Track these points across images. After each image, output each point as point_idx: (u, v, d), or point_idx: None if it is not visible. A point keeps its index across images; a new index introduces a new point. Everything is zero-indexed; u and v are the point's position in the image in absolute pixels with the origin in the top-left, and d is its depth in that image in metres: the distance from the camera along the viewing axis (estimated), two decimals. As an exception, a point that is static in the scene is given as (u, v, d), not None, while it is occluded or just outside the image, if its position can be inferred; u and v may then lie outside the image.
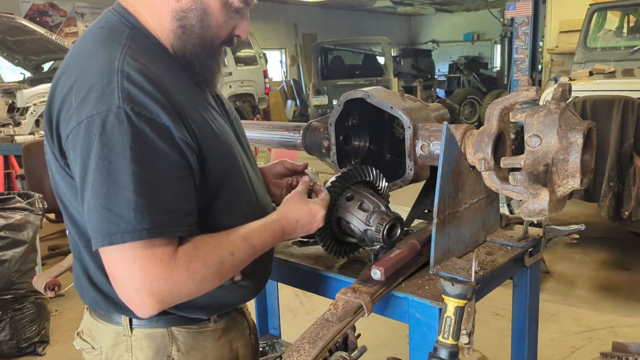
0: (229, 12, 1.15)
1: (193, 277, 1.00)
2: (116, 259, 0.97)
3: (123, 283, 0.98)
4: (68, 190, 1.09)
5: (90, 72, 1.01)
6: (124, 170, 0.94)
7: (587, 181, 1.23)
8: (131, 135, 0.95)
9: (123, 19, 1.12)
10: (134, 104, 0.97)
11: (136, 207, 0.94)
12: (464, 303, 1.12)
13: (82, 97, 0.99)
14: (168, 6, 1.11)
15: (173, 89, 1.06)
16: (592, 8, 6.16)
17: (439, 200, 1.33)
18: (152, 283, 0.96)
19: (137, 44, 1.07)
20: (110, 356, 1.18)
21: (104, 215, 0.95)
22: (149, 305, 0.98)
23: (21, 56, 7.29)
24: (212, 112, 1.18)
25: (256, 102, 11.02)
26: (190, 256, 1.01)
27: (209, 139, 1.09)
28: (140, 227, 0.94)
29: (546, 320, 3.30)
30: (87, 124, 0.96)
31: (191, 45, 1.13)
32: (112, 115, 0.95)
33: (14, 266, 3.00)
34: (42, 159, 1.19)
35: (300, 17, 15.86)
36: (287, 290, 3.52)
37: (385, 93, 1.60)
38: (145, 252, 0.96)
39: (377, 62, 12.42)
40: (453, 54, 18.76)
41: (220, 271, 1.05)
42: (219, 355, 1.22)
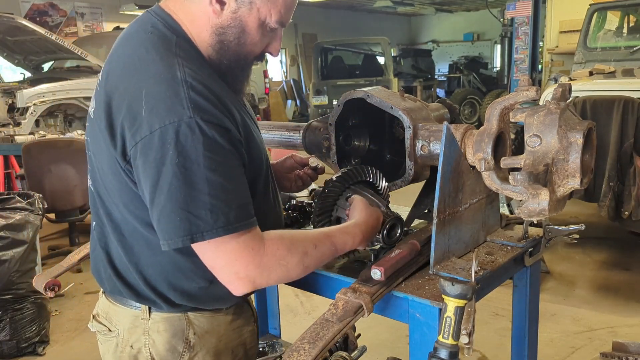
0: (264, 31, 1.20)
1: (279, 262, 1.12)
2: (215, 253, 1.08)
3: (224, 271, 1.09)
4: (118, 189, 1.14)
5: (156, 82, 1.07)
6: (198, 176, 1.03)
7: (587, 181, 1.23)
8: (203, 143, 1.03)
9: (167, 24, 1.17)
10: (202, 113, 1.04)
11: (212, 208, 1.03)
12: (464, 303, 1.12)
13: (151, 106, 1.05)
14: (209, 21, 1.16)
15: (222, 94, 1.13)
16: (592, 8, 6.16)
17: (439, 200, 1.33)
18: (248, 268, 1.08)
19: (185, 52, 1.13)
20: (127, 338, 1.24)
21: (184, 217, 1.03)
22: (244, 287, 1.10)
23: (21, 56, 7.29)
24: (247, 117, 1.25)
25: (256, 102, 11.01)
26: (276, 244, 1.12)
27: (251, 140, 1.18)
28: (216, 226, 1.03)
29: (546, 320, 3.30)
30: (161, 134, 1.03)
31: (227, 59, 1.20)
32: (184, 125, 1.02)
33: (14, 266, 3.00)
34: (42, 159, 1.22)
35: (300, 17, 15.84)
36: (287, 290, 3.51)
37: (385, 93, 1.60)
38: (238, 244, 1.07)
39: (377, 62, 12.41)
40: (453, 54, 18.75)
41: (304, 261, 1.15)
42: (229, 340, 1.30)
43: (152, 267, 1.18)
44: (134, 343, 1.24)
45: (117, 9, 10.88)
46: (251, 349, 1.39)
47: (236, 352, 1.32)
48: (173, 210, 1.03)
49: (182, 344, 1.22)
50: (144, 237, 1.16)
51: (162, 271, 1.18)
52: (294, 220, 1.79)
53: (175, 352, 1.22)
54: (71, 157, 4.46)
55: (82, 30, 10.85)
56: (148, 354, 1.22)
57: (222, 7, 1.15)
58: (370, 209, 1.33)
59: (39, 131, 5.88)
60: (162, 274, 1.18)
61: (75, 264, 1.83)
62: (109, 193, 1.17)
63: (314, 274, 1.52)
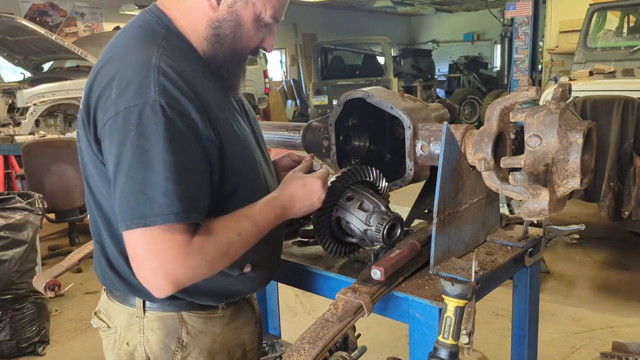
0: (259, 26, 1.22)
1: (205, 259, 1.08)
2: (139, 241, 1.04)
3: (142, 264, 1.05)
4: (97, 176, 1.16)
5: (129, 67, 1.09)
6: (157, 158, 1.02)
7: (587, 181, 1.23)
8: (165, 125, 1.03)
9: (159, 20, 1.19)
10: (168, 98, 1.04)
11: (166, 192, 1.02)
12: (464, 303, 1.12)
13: (120, 89, 1.06)
14: (205, 15, 1.18)
15: (202, 88, 1.12)
16: (592, 8, 6.16)
17: (439, 200, 1.33)
18: (169, 266, 1.03)
19: (170, 44, 1.14)
20: (124, 335, 1.26)
21: (141, 199, 1.02)
22: (164, 287, 1.05)
23: (21, 56, 7.29)
24: (234, 113, 1.25)
25: (256, 102, 11.00)
26: (204, 241, 1.07)
27: (230, 137, 1.16)
28: (169, 211, 1.01)
29: (546, 320, 3.30)
30: (125, 114, 1.04)
31: (222, 53, 1.21)
32: (148, 107, 1.03)
33: (14, 266, 3.00)
34: (42, 158, 1.23)
35: (300, 17, 15.85)
36: (287, 290, 3.52)
37: (385, 93, 1.60)
38: (165, 237, 1.03)
39: (377, 62, 12.41)
40: (453, 54, 18.75)
41: (229, 251, 1.12)
42: (226, 341, 1.29)
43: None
44: (130, 340, 1.25)
45: (117, 9, 10.88)
46: (251, 351, 1.38)
47: (233, 353, 1.32)
48: (131, 192, 1.03)
49: (175, 343, 1.23)
50: None
51: None
52: (294, 220, 1.79)
53: (169, 351, 1.23)
54: (71, 157, 4.46)
55: (82, 30, 10.85)
56: (143, 351, 1.24)
57: (219, 2, 1.17)
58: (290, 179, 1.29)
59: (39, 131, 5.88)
60: None
61: (75, 264, 1.83)
62: (95, 183, 1.18)
63: (314, 274, 1.52)
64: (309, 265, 1.53)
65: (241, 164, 1.20)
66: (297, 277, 1.58)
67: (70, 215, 4.66)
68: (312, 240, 1.66)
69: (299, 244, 1.69)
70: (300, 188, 1.27)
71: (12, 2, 9.56)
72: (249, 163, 1.23)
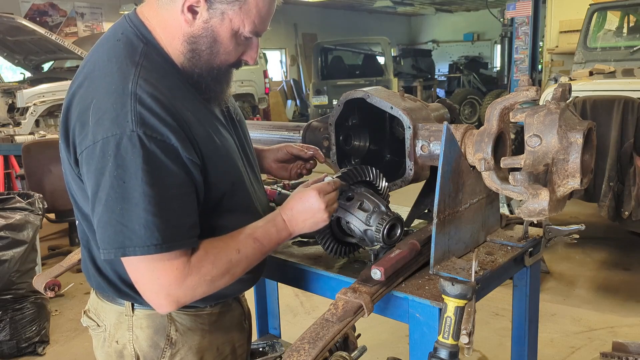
0: (238, 40, 1.19)
1: (204, 279, 1.11)
2: (138, 267, 1.08)
3: (144, 288, 1.11)
4: (80, 192, 1.17)
5: (106, 94, 1.07)
6: (136, 190, 1.03)
7: (587, 181, 1.23)
8: (143, 157, 1.03)
9: (138, 32, 1.17)
10: (145, 127, 1.04)
11: (146, 224, 1.03)
12: (464, 303, 1.12)
13: (97, 117, 1.06)
14: (181, 29, 1.15)
15: (181, 107, 1.11)
16: (592, 8, 6.16)
17: (439, 200, 1.33)
18: (169, 288, 1.08)
19: (149, 61, 1.13)
20: (113, 334, 1.28)
21: (119, 230, 1.04)
22: (166, 306, 1.11)
23: (21, 56, 7.28)
24: (217, 125, 1.23)
25: (256, 102, 11.00)
26: (202, 261, 1.11)
27: (212, 154, 1.15)
28: (149, 243, 1.03)
29: (546, 320, 3.30)
30: (103, 145, 1.04)
31: (199, 69, 1.19)
32: (125, 138, 1.03)
33: (14, 266, 3.00)
34: (42, 158, 1.25)
35: (300, 17, 15.85)
36: (287, 290, 3.52)
37: (385, 93, 1.60)
38: (163, 263, 1.07)
39: (377, 62, 12.41)
40: (453, 54, 18.75)
41: (229, 269, 1.15)
42: (215, 338, 1.31)
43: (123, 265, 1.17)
44: (119, 338, 1.27)
45: (117, 9, 10.88)
46: (240, 347, 1.40)
47: (222, 349, 1.33)
48: (109, 222, 1.04)
49: (163, 341, 1.25)
50: None
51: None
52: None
53: (158, 348, 1.25)
54: None
55: (82, 30, 10.84)
56: (132, 349, 1.25)
57: (194, 17, 1.14)
58: (293, 194, 1.28)
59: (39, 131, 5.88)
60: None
61: (75, 264, 1.84)
62: (77, 195, 1.20)
63: (314, 274, 1.52)
64: (309, 265, 1.53)
65: (224, 178, 1.19)
66: (297, 277, 1.58)
67: (70, 215, 4.65)
68: (312, 240, 1.66)
69: (299, 244, 1.69)
70: (297, 201, 1.25)
71: (12, 2, 9.56)
72: (233, 176, 1.22)
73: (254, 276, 1.35)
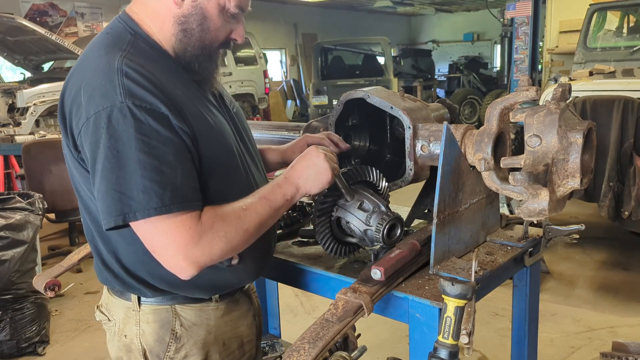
0: (225, 17, 1.25)
1: (218, 235, 1.12)
2: (151, 232, 1.09)
3: (162, 252, 1.11)
4: (82, 181, 1.20)
5: (94, 74, 1.13)
6: (131, 158, 1.05)
7: (587, 181, 1.23)
8: (134, 126, 1.06)
9: (127, 26, 1.23)
10: (134, 98, 1.08)
11: (144, 189, 1.05)
12: (464, 303, 1.12)
13: (88, 95, 1.10)
14: (170, 12, 1.21)
15: (170, 86, 1.15)
16: (592, 8, 6.15)
17: (439, 200, 1.33)
18: (186, 248, 1.09)
19: (136, 48, 1.18)
20: (122, 328, 1.31)
21: (117, 198, 1.06)
22: (186, 268, 1.10)
23: (21, 56, 7.27)
24: (209, 106, 1.26)
25: (256, 102, 11.01)
26: (212, 219, 1.12)
27: (204, 129, 1.18)
28: (149, 206, 1.05)
29: (546, 320, 3.30)
30: (95, 119, 1.08)
31: (191, 47, 1.23)
32: (116, 110, 1.07)
33: (14, 266, 3.00)
34: (42, 159, 1.26)
35: (300, 17, 15.84)
36: (287, 290, 3.52)
37: (385, 93, 1.60)
38: (174, 224, 1.08)
39: (377, 62, 12.41)
40: (453, 54, 18.74)
41: (241, 225, 1.15)
42: (221, 333, 1.32)
43: (129, 256, 1.22)
44: (127, 333, 1.30)
45: (117, 9, 10.87)
46: (249, 343, 1.40)
47: (229, 344, 1.34)
48: (107, 192, 1.07)
49: (169, 335, 1.27)
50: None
51: (139, 260, 1.21)
52: (294, 221, 1.80)
53: (163, 343, 1.27)
54: None
55: (82, 30, 10.84)
56: (139, 343, 1.28)
57: None
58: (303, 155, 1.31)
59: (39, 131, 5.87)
60: (139, 262, 1.21)
61: (75, 264, 1.84)
62: (82, 187, 1.22)
63: (314, 274, 1.52)
64: (309, 265, 1.53)
65: (217, 153, 1.21)
66: (297, 277, 1.58)
67: (70, 215, 4.65)
68: (312, 240, 1.66)
69: (299, 244, 1.69)
70: (298, 159, 1.30)
71: (12, 2, 9.55)
72: (225, 152, 1.24)
73: (254, 267, 1.33)
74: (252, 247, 1.26)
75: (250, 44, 10.97)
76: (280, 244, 1.69)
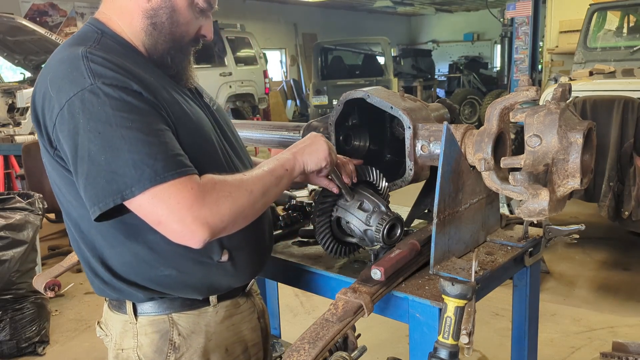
0: (194, 12, 1.26)
1: (222, 193, 1.08)
2: (153, 204, 1.04)
3: (168, 221, 1.04)
4: (61, 182, 1.17)
5: (58, 65, 1.12)
6: (114, 136, 1.03)
7: (587, 181, 1.23)
8: (109, 104, 1.04)
9: (93, 27, 1.23)
10: (104, 78, 1.06)
11: (134, 164, 1.02)
12: (464, 303, 1.12)
13: (57, 87, 1.08)
14: (139, 7, 1.21)
15: (140, 73, 1.13)
16: (592, 8, 6.16)
17: (439, 200, 1.33)
18: (192, 209, 1.04)
19: (103, 44, 1.16)
20: (119, 342, 1.28)
21: (110, 178, 1.03)
22: (197, 230, 1.05)
23: (21, 56, 7.27)
24: (184, 97, 1.25)
25: (256, 102, 11.00)
26: (212, 180, 1.09)
27: (180, 115, 1.16)
28: (143, 179, 1.02)
29: (546, 320, 3.30)
30: (69, 107, 1.05)
31: (162, 40, 1.23)
32: (87, 93, 1.05)
33: (14, 266, 3.00)
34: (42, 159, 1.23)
35: (300, 17, 15.85)
36: (287, 290, 3.52)
37: (385, 93, 1.60)
38: (175, 187, 1.04)
39: (377, 62, 12.41)
40: (453, 54, 18.75)
41: (244, 186, 1.13)
42: (222, 338, 1.30)
43: (114, 259, 1.19)
44: (124, 347, 1.27)
45: (117, 9, 10.86)
46: (254, 346, 1.38)
47: (232, 350, 1.32)
48: (98, 174, 1.03)
49: (167, 345, 1.25)
50: (99, 231, 1.17)
51: (125, 263, 1.18)
52: (294, 221, 1.80)
53: (162, 354, 1.24)
54: None
55: (82, 30, 10.83)
56: (136, 356, 1.25)
57: None
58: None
59: (39, 131, 5.86)
60: (126, 265, 1.19)
61: (75, 264, 1.83)
62: (61, 192, 1.20)
63: (314, 274, 1.52)
64: (309, 265, 1.53)
65: (193, 139, 1.18)
66: (297, 277, 1.58)
67: (70, 215, 4.65)
68: (312, 240, 1.66)
69: (299, 244, 1.69)
70: (302, 140, 1.33)
71: (12, 2, 9.56)
72: (203, 141, 1.21)
73: (248, 267, 1.30)
74: (244, 243, 1.25)
75: (250, 44, 10.97)
76: (280, 244, 1.69)
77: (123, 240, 1.15)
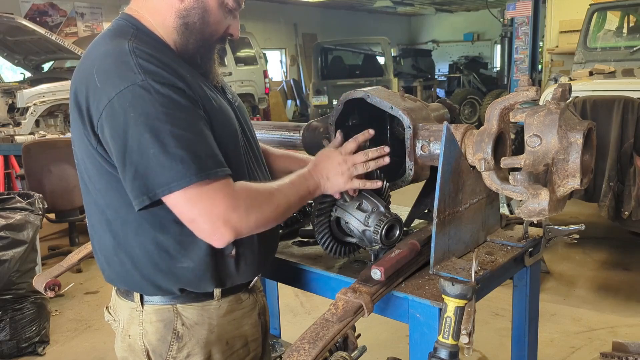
0: (224, 11, 1.30)
1: (253, 204, 1.17)
2: (192, 201, 1.11)
3: (201, 220, 1.12)
4: (94, 171, 1.21)
5: (105, 57, 1.16)
6: (163, 132, 1.08)
7: (587, 181, 1.23)
8: (159, 101, 1.09)
9: (128, 22, 1.26)
10: (152, 75, 1.11)
11: (182, 160, 1.08)
12: (464, 303, 1.12)
13: (104, 78, 1.12)
14: (171, 7, 1.25)
15: (178, 68, 1.19)
16: (592, 8, 6.16)
17: (439, 200, 1.33)
18: (225, 214, 1.12)
19: (140, 40, 1.20)
20: (126, 329, 1.34)
21: (159, 172, 1.08)
22: (225, 233, 1.13)
23: (21, 56, 7.27)
24: (215, 94, 1.30)
25: (256, 102, 11.01)
26: (245, 189, 1.18)
27: (211, 109, 1.22)
28: (189, 174, 1.08)
29: (546, 320, 3.30)
30: (119, 100, 1.09)
31: (193, 40, 1.27)
32: (138, 88, 1.09)
33: (14, 266, 3.00)
34: (42, 159, 1.26)
35: (300, 17, 15.84)
36: (287, 290, 3.52)
37: (385, 93, 1.60)
38: (214, 189, 1.11)
39: (377, 62, 12.41)
40: (453, 54, 18.75)
41: (272, 200, 1.22)
42: (224, 332, 1.33)
43: (137, 248, 1.23)
44: (131, 333, 1.32)
45: (117, 9, 10.86)
46: (254, 342, 1.40)
47: (232, 344, 1.34)
48: (147, 167, 1.09)
49: (171, 334, 1.28)
50: (126, 220, 1.21)
51: (147, 252, 1.22)
52: (294, 220, 1.80)
53: (165, 342, 1.28)
54: (71, 157, 4.34)
55: (82, 30, 10.84)
56: (142, 343, 1.30)
57: None
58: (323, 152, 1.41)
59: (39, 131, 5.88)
60: (147, 254, 1.22)
61: (75, 264, 1.84)
62: (91, 181, 1.24)
63: (314, 274, 1.52)
64: (309, 265, 1.53)
65: (223, 134, 1.24)
66: (297, 277, 1.58)
67: (70, 215, 4.66)
68: (312, 240, 1.66)
69: (299, 244, 1.69)
70: (322, 159, 1.38)
71: (12, 2, 9.55)
72: (230, 135, 1.27)
73: (252, 265, 1.33)
74: (252, 241, 1.29)
75: (250, 44, 10.97)
76: (280, 244, 1.69)
77: (148, 229, 1.20)
